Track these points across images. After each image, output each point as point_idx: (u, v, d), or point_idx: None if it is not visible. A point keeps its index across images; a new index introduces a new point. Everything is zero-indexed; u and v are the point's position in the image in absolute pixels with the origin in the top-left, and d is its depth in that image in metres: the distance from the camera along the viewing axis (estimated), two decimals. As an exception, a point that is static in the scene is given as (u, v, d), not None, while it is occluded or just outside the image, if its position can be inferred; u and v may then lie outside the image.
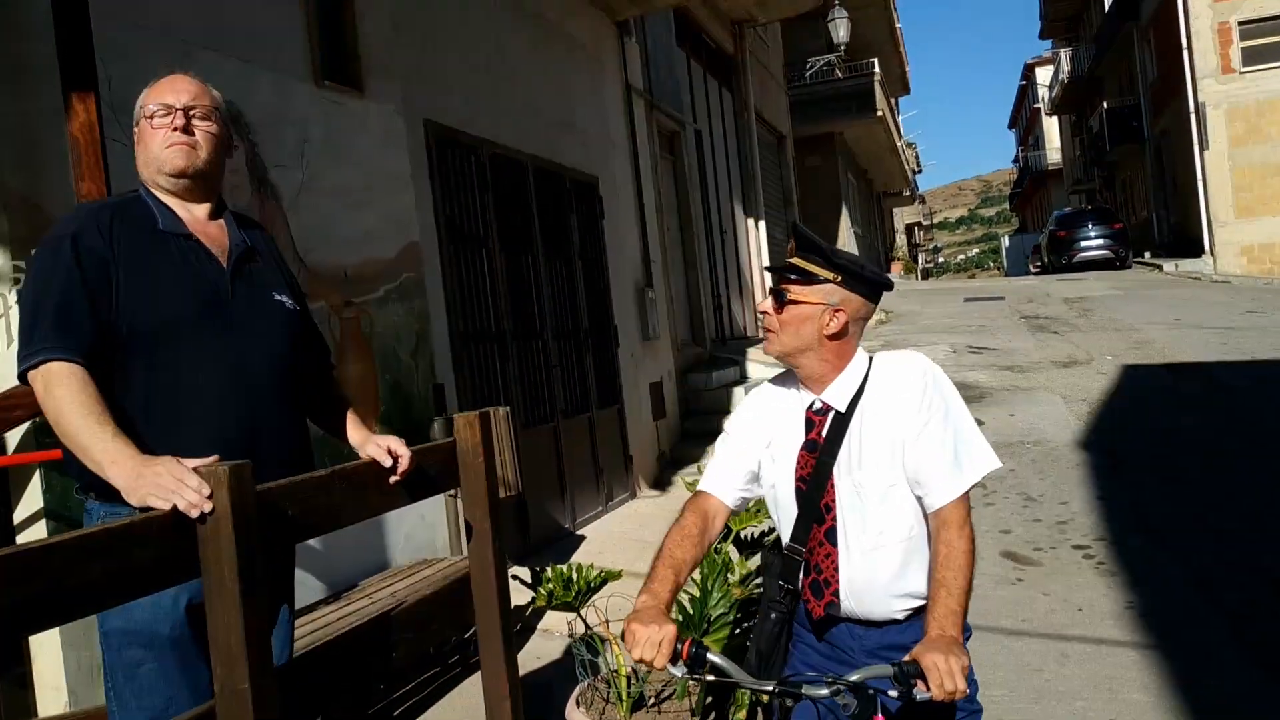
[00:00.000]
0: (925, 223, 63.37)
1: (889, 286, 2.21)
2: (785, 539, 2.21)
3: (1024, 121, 61.94)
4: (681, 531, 2.16)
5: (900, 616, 2.14)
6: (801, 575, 2.19)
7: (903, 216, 53.48)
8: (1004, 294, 20.59)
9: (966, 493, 2.04)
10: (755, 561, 3.22)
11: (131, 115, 3.73)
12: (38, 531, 3.26)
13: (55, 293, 2.07)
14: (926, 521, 2.08)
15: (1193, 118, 23.36)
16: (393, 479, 2.27)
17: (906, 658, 1.81)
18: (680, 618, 3.11)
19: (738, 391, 10.38)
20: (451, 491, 2.49)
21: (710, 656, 1.90)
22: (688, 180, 11.45)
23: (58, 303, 2.06)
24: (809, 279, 2.13)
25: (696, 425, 10.15)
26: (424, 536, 5.31)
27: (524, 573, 3.15)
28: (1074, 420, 9.22)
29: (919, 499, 2.08)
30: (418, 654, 2.37)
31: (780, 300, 2.15)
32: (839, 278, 2.11)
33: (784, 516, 2.22)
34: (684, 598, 3.45)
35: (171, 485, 1.79)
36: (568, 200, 7.77)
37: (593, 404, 7.87)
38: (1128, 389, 10.41)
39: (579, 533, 7.21)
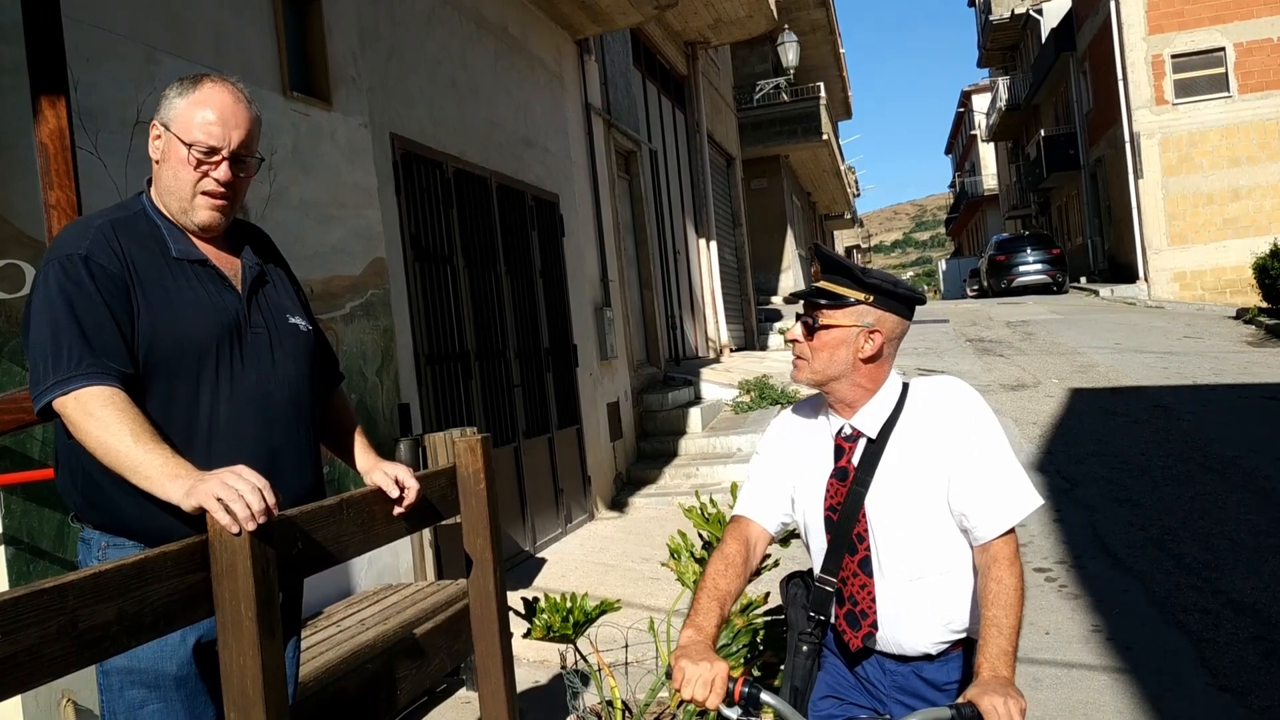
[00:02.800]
0: (864, 245, 64.18)
1: (922, 301, 2.14)
2: (816, 569, 2.13)
3: (961, 148, 63.10)
4: (724, 560, 2.07)
5: (934, 651, 2.07)
6: (835, 606, 2.12)
7: (842, 239, 54.09)
8: (947, 316, 20.86)
9: (1013, 527, 1.99)
10: (754, 589, 3.15)
11: (97, 122, 3.61)
12: (-5, 558, 3.08)
13: (76, 315, 1.90)
14: (972, 554, 2.02)
15: (1128, 147, 23.97)
16: (398, 510, 2.17)
17: (962, 699, 1.74)
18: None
19: (693, 412, 10.34)
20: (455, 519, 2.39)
21: (765, 697, 1.82)
22: (643, 200, 11.43)
23: (82, 326, 1.90)
24: (839, 301, 2.05)
25: (652, 446, 10.09)
26: (388, 561, 5.16)
27: (517, 602, 3.05)
28: (1026, 443, 9.31)
29: (964, 532, 2.02)
30: (420, 690, 2.27)
31: (810, 326, 2.08)
32: (871, 298, 2.05)
33: (814, 545, 2.14)
34: (671, 628, 3.37)
35: (241, 488, 1.68)
36: (529, 218, 7.69)
37: (553, 424, 7.77)
38: (1076, 412, 10.55)
39: (539, 555, 7.08)
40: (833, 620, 2.13)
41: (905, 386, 2.13)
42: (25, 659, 1.24)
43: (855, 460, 2.08)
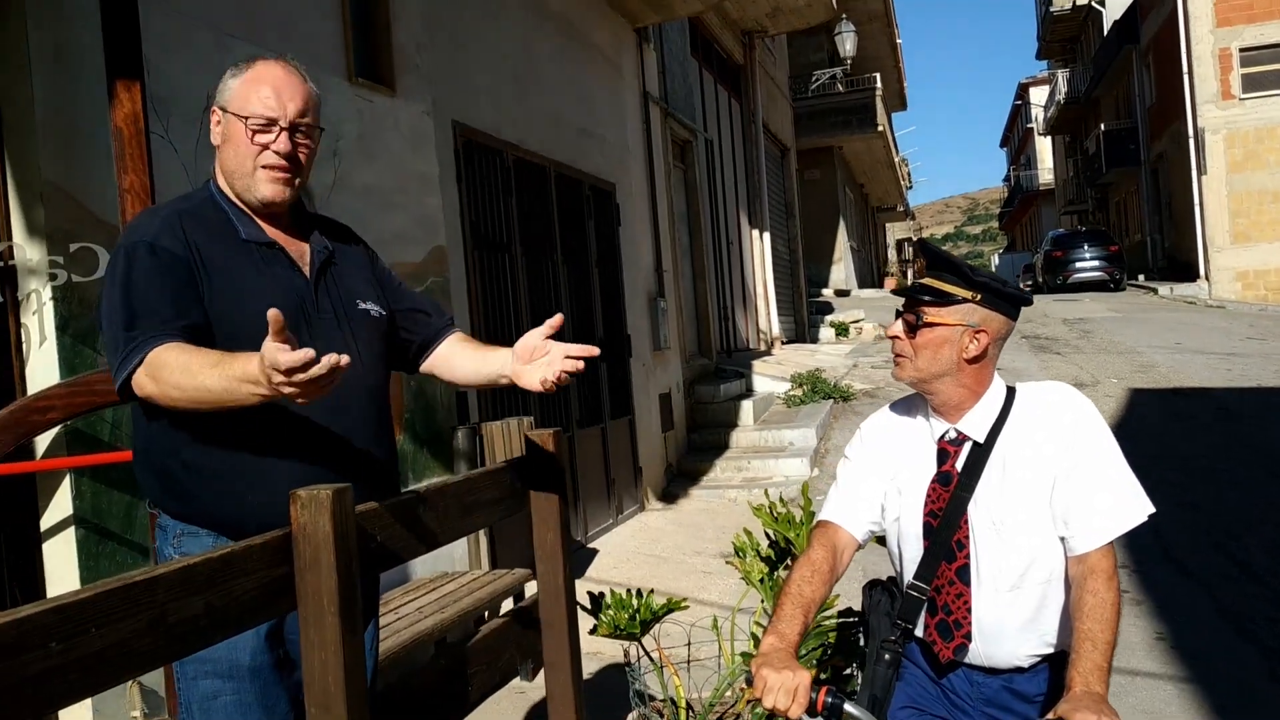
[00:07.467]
0: (915, 238, 63.44)
1: (1029, 302, 2.09)
2: (907, 576, 2.08)
3: (1016, 141, 62.15)
4: (811, 566, 2.02)
5: (1025, 664, 2.01)
6: (925, 615, 2.06)
7: (894, 232, 53.60)
8: (1002, 313, 20.51)
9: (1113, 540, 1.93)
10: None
11: (169, 107, 3.62)
12: (66, 539, 3.11)
13: (136, 297, 1.89)
14: (1065, 564, 1.97)
15: (1191, 143, 23.44)
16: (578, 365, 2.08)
17: (1052, 714, 1.68)
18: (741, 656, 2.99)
19: (744, 405, 10.27)
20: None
21: (848, 708, 1.77)
22: (698, 190, 11.36)
23: (140, 306, 1.88)
24: (944, 299, 2.00)
25: (703, 438, 10.04)
26: (443, 549, 5.16)
27: (583, 596, 3.02)
28: (1085, 443, 9.13)
29: (1061, 540, 1.96)
30: (491, 685, 2.26)
31: (913, 324, 2.03)
32: (979, 296, 1.99)
33: (908, 552, 2.08)
34: (735, 627, 3.33)
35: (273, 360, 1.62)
36: (586, 207, 7.66)
37: (606, 414, 7.75)
38: (1136, 413, 10.35)
39: (590, 545, 7.07)
40: (921, 630, 2.07)
41: (1010, 390, 2.07)
42: (115, 653, 1.23)
43: (959, 465, 2.03)
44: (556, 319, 2.12)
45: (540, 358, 2.11)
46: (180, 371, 1.79)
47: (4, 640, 1.10)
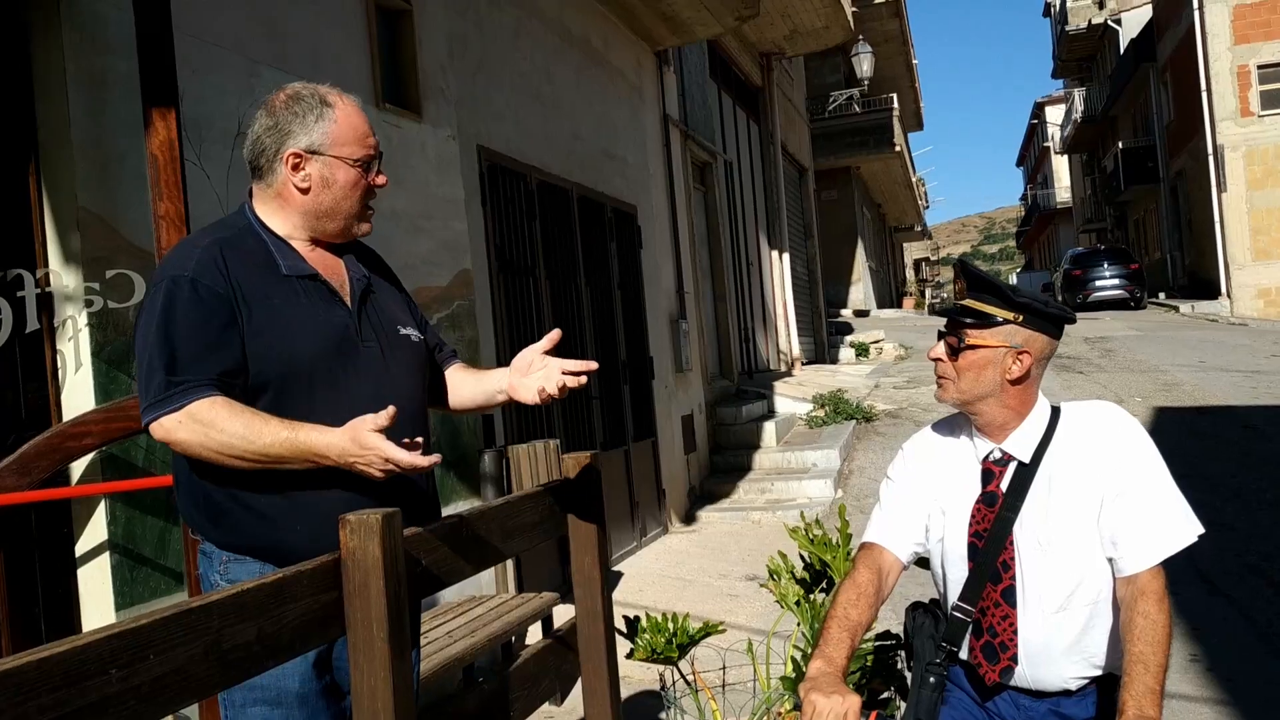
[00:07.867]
0: (933, 258, 63.30)
1: (1072, 320, 2.08)
2: (952, 598, 2.06)
3: (1033, 160, 62.08)
4: (856, 589, 2.01)
5: (1072, 687, 1.99)
6: (970, 637, 2.04)
7: (911, 251, 53.52)
8: (1022, 332, 20.42)
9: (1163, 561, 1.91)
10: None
11: (201, 133, 3.65)
12: (101, 564, 3.12)
13: (178, 337, 1.89)
14: (1113, 585, 1.95)
15: (1210, 160, 23.36)
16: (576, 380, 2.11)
17: None
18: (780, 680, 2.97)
19: (766, 426, 10.24)
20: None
21: None
22: (718, 211, 11.38)
23: (182, 348, 1.89)
24: (986, 321, 1.99)
25: (725, 460, 10.02)
26: (470, 572, 5.15)
27: (618, 620, 3.01)
28: (1111, 463, 9.05)
29: (1110, 561, 1.94)
30: (530, 710, 2.25)
31: (955, 346, 2.02)
32: (1020, 317, 1.98)
33: (952, 573, 2.07)
34: (770, 651, 3.31)
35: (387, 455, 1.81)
36: (608, 230, 7.68)
37: (629, 437, 7.74)
38: (1162, 432, 10.26)
39: (615, 569, 7.05)
40: (966, 653, 2.05)
41: (1055, 410, 2.05)
42: (173, 680, 1.23)
43: (1004, 485, 2.01)
44: (555, 334, 2.19)
45: (537, 371, 2.14)
46: (232, 434, 1.85)
47: (66, 668, 1.10)
